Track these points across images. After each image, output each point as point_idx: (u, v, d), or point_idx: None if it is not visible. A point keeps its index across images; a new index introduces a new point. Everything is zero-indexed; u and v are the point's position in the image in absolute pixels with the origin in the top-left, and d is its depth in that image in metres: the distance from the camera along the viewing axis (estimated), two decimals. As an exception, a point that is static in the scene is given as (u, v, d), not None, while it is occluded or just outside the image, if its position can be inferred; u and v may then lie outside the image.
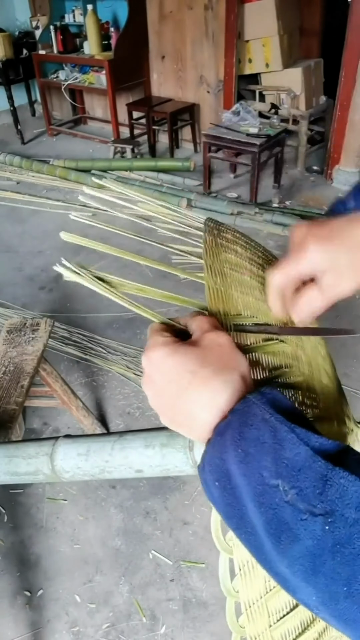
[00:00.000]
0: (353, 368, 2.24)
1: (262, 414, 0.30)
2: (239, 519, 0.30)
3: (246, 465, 0.29)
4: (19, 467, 0.50)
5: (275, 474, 0.28)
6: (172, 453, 0.43)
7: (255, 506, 0.29)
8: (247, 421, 0.30)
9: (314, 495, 0.27)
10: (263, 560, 0.30)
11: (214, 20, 4.03)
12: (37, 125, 5.48)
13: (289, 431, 0.29)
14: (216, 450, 0.31)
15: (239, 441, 0.30)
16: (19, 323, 1.67)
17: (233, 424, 0.31)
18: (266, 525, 0.28)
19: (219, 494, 0.31)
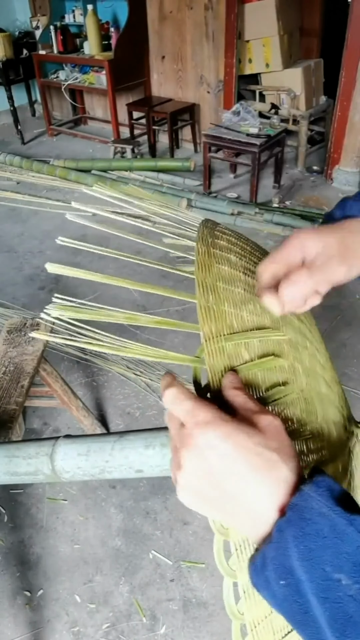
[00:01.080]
0: (353, 368, 2.24)
1: (319, 507, 0.30)
2: (302, 614, 0.30)
3: (309, 562, 0.29)
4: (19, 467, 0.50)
5: (337, 568, 0.29)
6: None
7: (319, 602, 0.29)
8: (306, 516, 0.30)
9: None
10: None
11: (214, 20, 4.03)
12: (37, 125, 5.48)
13: (348, 524, 0.29)
14: (280, 548, 0.31)
15: (300, 537, 0.30)
16: (19, 323, 1.67)
17: (293, 520, 0.31)
18: (330, 620, 0.29)
19: (283, 592, 0.31)
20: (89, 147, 4.94)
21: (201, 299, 0.42)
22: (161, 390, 0.38)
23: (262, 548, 0.32)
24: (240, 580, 0.35)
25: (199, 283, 0.44)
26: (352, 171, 3.86)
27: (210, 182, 3.94)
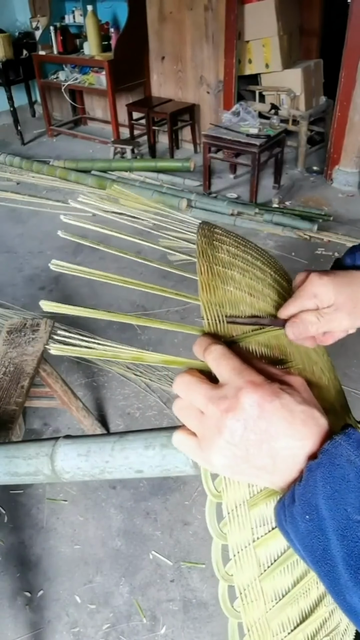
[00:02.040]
0: (353, 368, 2.24)
1: (347, 455, 0.33)
2: (322, 551, 0.33)
3: (333, 501, 0.32)
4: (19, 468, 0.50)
5: (358, 510, 0.31)
6: (173, 454, 0.43)
7: (338, 539, 0.32)
8: (335, 461, 0.33)
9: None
10: (337, 591, 0.33)
11: (214, 20, 4.03)
12: (37, 125, 5.48)
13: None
14: (309, 486, 0.33)
15: (328, 479, 0.33)
16: (19, 323, 1.67)
17: (323, 463, 0.33)
18: (346, 557, 0.31)
19: (306, 527, 0.33)
20: (89, 147, 4.94)
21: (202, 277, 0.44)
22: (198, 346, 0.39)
23: (292, 487, 0.35)
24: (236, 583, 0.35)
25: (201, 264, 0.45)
26: (352, 171, 3.86)
27: (210, 183, 3.95)
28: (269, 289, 0.50)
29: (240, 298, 0.45)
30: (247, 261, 0.50)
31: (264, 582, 0.36)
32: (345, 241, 3.15)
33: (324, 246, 3.15)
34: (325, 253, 3.08)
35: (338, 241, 3.17)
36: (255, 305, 0.46)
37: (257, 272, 0.50)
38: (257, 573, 0.36)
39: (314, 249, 3.13)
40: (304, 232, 3.23)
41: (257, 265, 0.51)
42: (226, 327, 0.42)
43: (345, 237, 3.20)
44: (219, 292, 0.44)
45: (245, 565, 0.36)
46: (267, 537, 0.36)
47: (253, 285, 0.48)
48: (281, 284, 0.53)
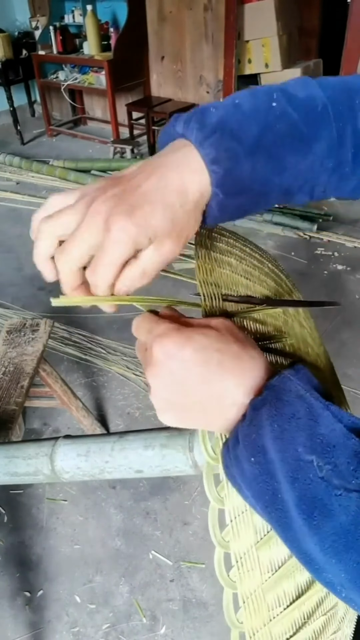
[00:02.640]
0: (353, 368, 2.24)
1: (297, 390, 0.31)
2: (271, 495, 0.30)
3: (281, 441, 0.29)
4: (19, 468, 0.50)
5: (310, 449, 0.29)
6: (172, 454, 0.43)
7: (288, 482, 0.29)
8: (283, 397, 0.30)
9: (349, 472, 0.27)
10: (291, 538, 0.30)
11: (214, 20, 4.03)
12: (36, 125, 5.48)
13: (324, 408, 0.30)
14: (253, 426, 0.31)
15: (275, 417, 0.30)
16: (19, 323, 1.67)
17: (269, 399, 0.31)
18: (298, 501, 0.29)
19: (252, 470, 0.31)
20: (89, 147, 4.94)
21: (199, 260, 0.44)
22: None
23: (235, 428, 0.33)
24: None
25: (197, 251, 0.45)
26: (352, 171, 3.86)
27: (209, 183, 3.94)
28: (266, 276, 0.50)
29: (236, 280, 0.45)
30: (244, 252, 0.51)
31: (260, 551, 0.35)
32: (345, 241, 3.15)
33: (323, 246, 3.15)
34: (325, 253, 3.09)
35: (338, 241, 3.17)
36: (251, 287, 0.46)
37: (254, 261, 0.50)
38: (254, 540, 0.35)
39: (313, 248, 3.13)
40: (304, 232, 3.23)
41: (255, 257, 0.52)
42: (222, 303, 0.41)
43: (345, 237, 3.20)
44: (215, 273, 0.44)
45: (242, 531, 0.35)
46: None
47: (250, 271, 0.48)
48: (278, 276, 0.53)
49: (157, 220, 0.35)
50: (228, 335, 0.34)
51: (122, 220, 0.34)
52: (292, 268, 2.91)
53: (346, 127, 0.37)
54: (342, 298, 2.69)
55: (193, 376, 0.33)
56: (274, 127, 0.36)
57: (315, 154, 0.37)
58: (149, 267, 0.37)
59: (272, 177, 0.37)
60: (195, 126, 0.36)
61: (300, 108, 0.37)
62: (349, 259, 3.02)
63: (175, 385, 0.34)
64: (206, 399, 0.34)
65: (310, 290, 2.68)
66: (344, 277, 2.86)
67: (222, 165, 0.35)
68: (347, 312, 2.59)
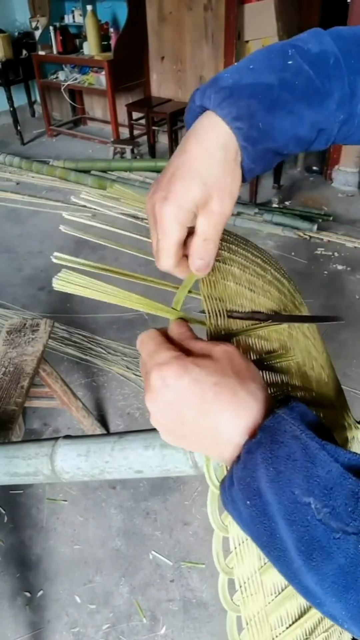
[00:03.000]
0: (353, 368, 2.24)
1: (292, 430, 0.30)
2: (268, 536, 0.30)
3: (278, 484, 0.29)
4: (19, 468, 0.50)
5: (307, 492, 0.28)
6: (172, 454, 0.43)
7: (286, 524, 0.29)
8: (278, 438, 0.30)
9: (347, 514, 0.27)
10: (291, 576, 0.30)
11: (214, 20, 4.03)
12: (36, 125, 5.48)
13: (320, 448, 0.29)
14: (247, 469, 0.31)
15: (270, 459, 0.30)
16: (19, 324, 1.67)
17: (264, 442, 0.31)
18: (297, 543, 0.29)
19: (249, 513, 0.31)
20: (89, 147, 4.94)
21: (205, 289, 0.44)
22: None
23: (231, 468, 0.33)
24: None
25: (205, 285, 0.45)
26: (352, 171, 3.86)
27: (209, 183, 3.94)
28: (269, 286, 0.50)
29: (240, 293, 0.45)
30: (247, 258, 0.50)
31: (264, 575, 0.36)
32: (345, 241, 3.15)
33: (323, 246, 3.15)
34: (325, 253, 3.08)
35: (338, 241, 3.17)
36: (255, 300, 0.46)
37: (257, 269, 0.50)
38: (258, 566, 0.36)
39: (313, 249, 3.13)
40: (304, 232, 3.23)
41: (257, 263, 0.52)
42: (226, 320, 0.42)
43: (344, 237, 3.20)
44: (219, 286, 0.44)
45: (245, 557, 0.35)
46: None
47: (253, 281, 0.48)
48: (281, 282, 0.53)
49: (193, 191, 0.37)
50: (228, 366, 0.34)
51: (160, 207, 0.37)
52: (292, 268, 2.91)
53: (357, 79, 0.38)
54: (342, 298, 2.69)
55: (189, 407, 0.33)
56: (291, 84, 0.37)
57: (329, 107, 0.38)
58: (208, 233, 0.38)
59: (290, 129, 0.38)
60: (212, 92, 0.37)
61: (314, 63, 0.38)
62: (349, 259, 3.02)
63: (171, 413, 0.34)
64: (202, 431, 0.34)
65: (310, 291, 2.68)
66: (344, 278, 2.86)
67: (244, 121, 0.36)
68: (347, 313, 2.59)
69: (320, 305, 2.63)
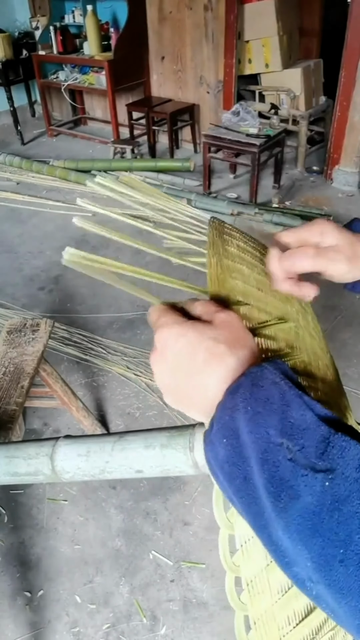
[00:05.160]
0: (353, 368, 2.24)
1: (272, 377, 0.32)
2: (242, 479, 0.31)
3: (254, 424, 0.30)
4: (19, 468, 0.49)
5: (280, 432, 0.29)
6: (173, 453, 0.43)
7: (258, 464, 0.30)
8: (258, 382, 0.32)
9: (316, 455, 0.28)
10: (261, 527, 0.30)
11: (214, 20, 4.03)
12: (37, 125, 5.48)
13: (297, 395, 0.31)
14: (226, 409, 0.32)
15: (249, 400, 0.31)
16: (19, 323, 1.67)
17: (244, 384, 0.32)
18: (267, 484, 0.29)
19: (225, 452, 0.32)
20: (89, 147, 4.94)
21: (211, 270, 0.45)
22: None
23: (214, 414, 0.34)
24: (243, 575, 0.35)
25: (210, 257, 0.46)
26: (352, 171, 3.86)
27: (210, 183, 3.94)
28: None
29: (248, 292, 0.45)
30: (255, 257, 0.51)
31: (271, 574, 0.36)
32: (345, 241, 3.15)
33: (324, 246, 3.15)
34: (325, 253, 3.08)
35: (338, 241, 3.16)
36: (263, 299, 0.46)
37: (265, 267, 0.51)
38: (264, 564, 0.36)
39: (314, 248, 3.13)
40: (304, 232, 3.23)
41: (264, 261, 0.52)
42: None
43: (345, 237, 3.19)
44: (227, 285, 0.44)
45: (252, 555, 0.35)
46: None
47: (261, 280, 0.48)
48: None
49: None
50: (224, 333, 0.36)
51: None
52: (292, 268, 2.91)
53: None
54: (342, 298, 2.69)
55: (182, 367, 0.36)
56: None
57: None
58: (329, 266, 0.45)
59: None
60: None
61: None
62: (349, 259, 3.01)
63: (169, 372, 0.37)
64: (191, 389, 0.36)
65: (310, 290, 2.68)
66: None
67: None
68: (347, 312, 2.59)
69: (321, 305, 2.62)
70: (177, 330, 0.37)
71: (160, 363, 0.38)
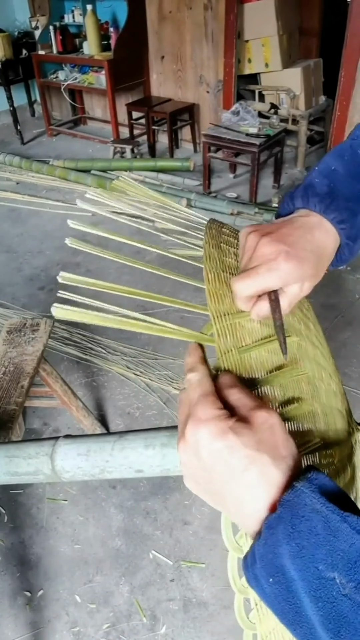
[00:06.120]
0: (353, 368, 2.24)
1: (312, 504, 0.30)
2: (294, 614, 0.30)
3: (301, 559, 0.29)
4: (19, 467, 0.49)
5: (330, 566, 0.28)
6: (173, 453, 0.43)
7: (311, 601, 0.28)
8: (299, 512, 0.30)
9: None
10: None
11: (214, 20, 4.03)
12: (36, 125, 5.48)
13: (342, 521, 0.29)
14: (269, 545, 0.30)
15: (292, 534, 0.29)
16: (19, 323, 1.67)
17: (284, 517, 0.30)
18: (324, 619, 0.28)
19: (272, 590, 0.30)
20: (89, 147, 4.94)
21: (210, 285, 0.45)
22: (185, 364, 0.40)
23: (253, 544, 0.32)
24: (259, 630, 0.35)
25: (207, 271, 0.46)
26: (352, 171, 3.86)
27: (209, 182, 3.94)
28: None
29: None
30: None
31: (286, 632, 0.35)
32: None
33: (323, 246, 3.15)
34: (325, 252, 3.08)
35: (338, 241, 3.16)
36: None
37: None
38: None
39: (313, 248, 3.13)
40: (304, 232, 3.23)
41: None
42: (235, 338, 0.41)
43: (345, 236, 3.19)
44: (227, 300, 0.44)
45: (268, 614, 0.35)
46: None
47: None
48: None
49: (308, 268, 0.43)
50: (266, 439, 0.33)
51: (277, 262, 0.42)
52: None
53: None
54: (342, 298, 2.69)
55: (217, 471, 0.33)
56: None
57: None
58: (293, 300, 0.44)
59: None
60: (315, 199, 0.45)
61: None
62: (349, 258, 3.02)
63: (200, 469, 0.34)
64: (226, 496, 0.33)
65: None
66: (344, 277, 2.86)
67: (347, 222, 0.44)
68: (347, 312, 2.59)
69: (321, 304, 2.63)
70: (215, 430, 0.33)
71: (190, 456, 0.34)
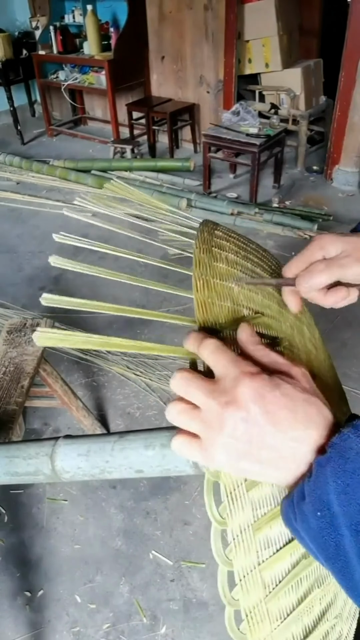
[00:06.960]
0: (353, 368, 2.24)
1: (357, 447, 0.32)
2: (334, 547, 0.32)
3: (345, 496, 0.31)
4: (19, 468, 0.49)
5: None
6: (173, 453, 0.43)
7: (351, 534, 0.31)
8: (345, 454, 0.32)
9: None
10: (352, 587, 0.33)
11: (214, 20, 4.03)
12: (37, 125, 5.48)
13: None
14: (318, 482, 0.33)
15: (339, 473, 0.32)
16: (19, 323, 1.67)
17: (333, 457, 0.33)
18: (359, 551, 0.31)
19: (318, 524, 0.33)
20: (89, 147, 4.94)
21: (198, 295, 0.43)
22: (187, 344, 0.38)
23: (300, 483, 0.34)
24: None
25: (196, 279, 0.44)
26: (352, 171, 3.86)
27: (210, 182, 3.94)
28: (269, 300, 0.49)
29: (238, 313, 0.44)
30: (246, 269, 0.49)
31: (270, 604, 0.36)
32: (345, 241, 3.15)
33: (323, 246, 3.15)
34: (325, 253, 3.08)
35: (338, 241, 3.16)
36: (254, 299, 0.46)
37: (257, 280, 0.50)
38: (263, 595, 0.36)
39: (313, 248, 3.13)
40: (304, 232, 3.23)
41: (257, 272, 0.51)
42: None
43: (345, 236, 3.19)
44: (214, 308, 0.43)
45: (251, 588, 0.36)
46: (272, 560, 0.36)
47: (252, 297, 0.47)
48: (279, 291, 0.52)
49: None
50: (305, 384, 0.36)
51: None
52: (292, 268, 2.91)
53: None
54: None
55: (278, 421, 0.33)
56: None
57: None
58: None
59: None
60: None
61: None
62: (349, 258, 3.01)
63: (254, 428, 0.33)
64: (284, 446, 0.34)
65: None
66: (344, 277, 2.86)
67: None
68: (347, 312, 2.59)
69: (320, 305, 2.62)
70: (269, 380, 0.34)
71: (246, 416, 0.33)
